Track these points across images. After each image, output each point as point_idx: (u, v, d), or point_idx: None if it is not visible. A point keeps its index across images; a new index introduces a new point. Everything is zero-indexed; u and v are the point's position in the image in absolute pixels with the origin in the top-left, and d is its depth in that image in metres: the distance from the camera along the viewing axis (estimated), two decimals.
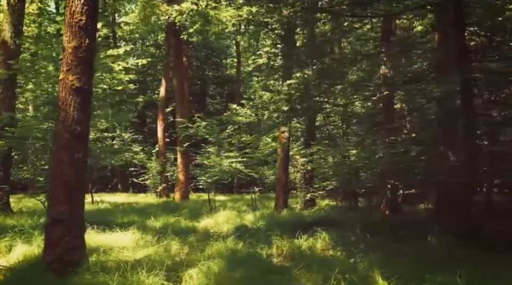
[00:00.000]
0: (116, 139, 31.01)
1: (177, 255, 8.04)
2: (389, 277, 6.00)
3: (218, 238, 8.94)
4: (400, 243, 8.62)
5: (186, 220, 13.57)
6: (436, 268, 6.19)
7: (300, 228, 10.22)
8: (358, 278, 6.07)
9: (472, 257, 7.12)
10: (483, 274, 5.98)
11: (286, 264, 7.73)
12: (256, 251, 8.20)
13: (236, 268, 6.40)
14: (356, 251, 8.15)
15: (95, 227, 9.17)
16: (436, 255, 7.33)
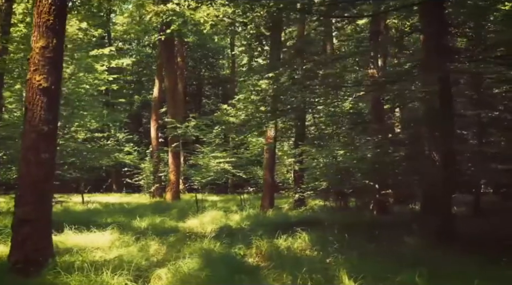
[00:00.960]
0: (111, 139, 31.09)
1: (154, 255, 8.06)
2: (355, 277, 6.02)
3: (196, 238, 8.93)
4: (376, 243, 8.64)
5: (172, 220, 13.59)
6: (401, 267, 6.19)
7: (283, 228, 10.25)
8: (326, 277, 6.09)
9: (441, 257, 7.16)
10: (445, 273, 6.00)
11: (261, 264, 7.74)
12: (230, 251, 8.20)
13: (206, 268, 6.40)
14: (331, 250, 8.18)
15: (72, 228, 9.15)
16: (406, 256, 7.34)
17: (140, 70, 39.37)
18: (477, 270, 6.14)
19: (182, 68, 33.13)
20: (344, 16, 10.19)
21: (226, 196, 27.09)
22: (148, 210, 16.87)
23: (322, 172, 16.15)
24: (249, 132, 12.89)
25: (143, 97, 36.65)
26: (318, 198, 17.97)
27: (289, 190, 17.65)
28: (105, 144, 29.11)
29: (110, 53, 12.65)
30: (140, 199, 24.42)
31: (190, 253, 7.44)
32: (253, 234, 10.03)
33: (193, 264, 6.56)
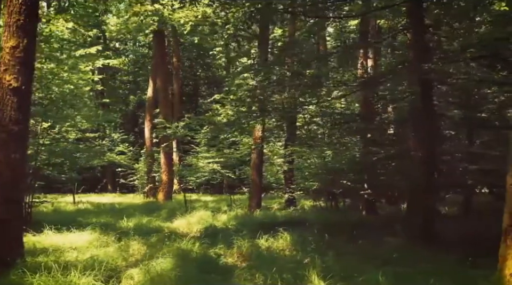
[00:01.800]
0: (106, 139, 31.10)
1: (133, 255, 8.07)
2: (324, 276, 6.04)
3: (175, 238, 8.92)
4: (355, 243, 8.66)
5: (160, 220, 13.61)
6: (371, 267, 6.20)
7: (267, 228, 10.28)
8: (296, 277, 6.10)
9: (414, 257, 7.18)
10: (413, 272, 6.02)
11: (238, 264, 7.76)
12: (208, 251, 8.21)
13: (177, 268, 6.41)
14: (309, 250, 8.20)
15: (52, 228, 9.16)
16: (380, 255, 7.37)
17: (136, 70, 39.40)
18: (445, 269, 6.15)
19: (178, 68, 33.12)
20: (327, 16, 10.18)
21: (221, 196, 27.11)
22: (138, 210, 16.88)
23: (311, 172, 16.17)
24: (231, 132, 12.85)
25: (138, 97, 36.63)
26: (308, 198, 17.99)
27: (278, 190, 17.61)
28: (100, 144, 29.20)
29: (97, 52, 12.60)
30: (133, 199, 24.43)
31: (167, 253, 7.44)
32: (236, 234, 10.06)
33: (166, 264, 6.56)
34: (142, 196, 25.65)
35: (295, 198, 17.60)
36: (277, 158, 16.98)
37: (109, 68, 37.84)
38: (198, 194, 26.84)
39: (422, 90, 9.62)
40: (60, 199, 21.83)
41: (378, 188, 13.20)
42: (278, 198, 19.22)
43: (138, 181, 27.19)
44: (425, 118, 9.49)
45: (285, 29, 15.92)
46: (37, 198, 12.01)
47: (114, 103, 38.03)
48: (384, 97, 12.09)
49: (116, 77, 39.06)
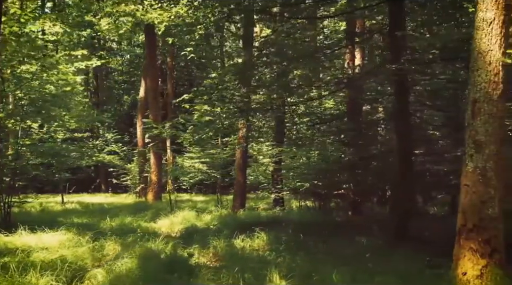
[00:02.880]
0: (99, 139, 31.13)
1: (106, 255, 8.09)
2: (286, 276, 6.07)
3: (149, 239, 8.94)
4: (327, 243, 8.68)
5: (144, 220, 13.64)
6: (332, 267, 6.22)
7: (247, 229, 10.32)
8: (257, 277, 6.12)
9: (382, 257, 7.19)
10: (371, 271, 6.05)
11: (208, 264, 7.79)
12: (180, 251, 8.24)
13: (141, 268, 6.43)
14: (281, 250, 8.23)
15: (26, 228, 9.18)
16: (349, 255, 7.39)
17: (131, 70, 39.44)
18: (404, 269, 6.18)
19: (172, 68, 33.16)
20: (304, 17, 10.19)
21: (213, 196, 27.14)
22: (126, 210, 16.91)
23: (297, 172, 16.18)
24: (206, 133, 12.88)
25: (132, 97, 36.66)
26: (295, 198, 17.99)
27: (264, 190, 17.63)
28: (93, 144, 29.24)
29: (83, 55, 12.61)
30: (125, 199, 24.48)
31: (135, 254, 7.45)
32: (215, 234, 10.10)
33: (130, 265, 6.58)
34: (134, 196, 25.70)
35: (282, 198, 17.60)
36: (263, 158, 16.97)
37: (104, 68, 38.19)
38: (190, 194, 26.88)
39: (396, 90, 9.65)
40: (51, 199, 21.90)
41: (359, 189, 13.20)
42: (265, 199, 19.19)
43: (131, 181, 27.23)
44: (400, 118, 9.51)
45: (273, 29, 15.90)
46: (17, 198, 12.01)
47: (109, 103, 38.11)
48: (363, 98, 12.09)
49: (110, 77, 39.13)
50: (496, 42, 5.49)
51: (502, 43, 5.48)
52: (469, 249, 5.37)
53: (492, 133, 5.42)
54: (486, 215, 5.35)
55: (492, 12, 5.51)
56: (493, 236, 5.33)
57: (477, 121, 5.50)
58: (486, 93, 5.47)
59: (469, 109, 5.62)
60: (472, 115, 5.56)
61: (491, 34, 5.50)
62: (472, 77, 5.65)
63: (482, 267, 5.25)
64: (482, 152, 5.41)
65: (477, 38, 5.60)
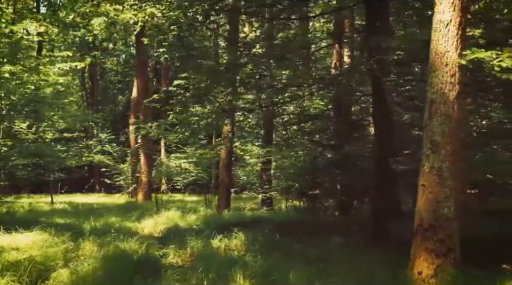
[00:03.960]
0: (93, 139, 31.17)
1: (80, 255, 8.13)
2: (249, 276, 6.12)
3: (124, 239, 8.97)
4: (303, 243, 8.72)
5: (128, 221, 13.69)
6: (296, 267, 6.28)
7: (228, 229, 10.38)
8: (220, 276, 6.18)
9: (353, 256, 7.24)
10: (332, 271, 6.10)
11: (180, 264, 7.85)
12: (154, 251, 8.29)
13: (108, 268, 6.48)
14: (255, 250, 8.28)
15: (1, 228, 9.23)
16: (317, 255, 7.45)
17: (126, 70, 39.47)
18: (367, 268, 6.23)
19: (167, 69, 33.22)
20: (280, 17, 10.24)
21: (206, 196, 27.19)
22: (114, 210, 16.99)
23: (284, 172, 16.24)
24: (181, 132, 12.92)
25: (127, 97, 36.71)
26: (283, 198, 18.03)
27: (252, 190, 17.69)
28: (87, 144, 29.30)
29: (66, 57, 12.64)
30: (118, 199, 24.50)
31: (106, 254, 7.50)
32: (196, 234, 10.17)
33: (97, 265, 6.63)
34: (127, 196, 25.76)
35: (271, 198, 17.65)
36: (250, 158, 17.03)
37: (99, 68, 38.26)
38: (184, 194, 26.94)
39: (373, 91, 9.70)
40: (43, 199, 21.92)
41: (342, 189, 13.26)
42: (254, 199, 19.24)
43: (124, 181, 27.29)
44: (378, 118, 9.56)
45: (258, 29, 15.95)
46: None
47: (105, 103, 38.19)
48: (349, 98, 12.14)
49: (105, 77, 39.20)
50: (453, 44, 5.53)
51: (459, 45, 5.53)
52: (424, 248, 5.42)
53: (448, 134, 5.47)
54: (442, 215, 5.39)
55: (448, 13, 5.56)
56: (448, 235, 5.37)
57: (433, 122, 5.55)
58: (443, 94, 5.51)
59: (426, 110, 5.67)
60: (429, 115, 5.61)
61: (448, 35, 5.55)
62: (429, 78, 5.70)
63: (437, 266, 5.30)
64: (439, 153, 5.46)
65: (434, 40, 5.65)
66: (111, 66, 40.20)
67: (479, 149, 6.95)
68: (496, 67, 5.25)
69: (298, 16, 10.89)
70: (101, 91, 38.30)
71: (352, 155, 11.77)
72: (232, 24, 13.80)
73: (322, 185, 14.36)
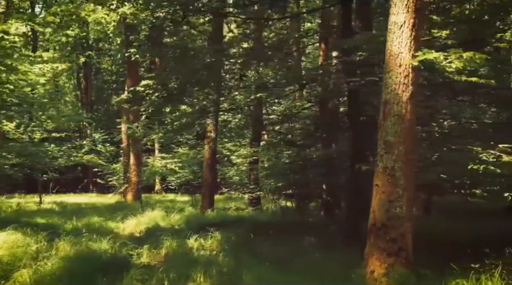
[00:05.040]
0: (87, 139, 31.19)
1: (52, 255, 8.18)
2: (210, 275, 6.19)
3: (97, 239, 9.02)
4: (275, 243, 8.77)
5: (114, 220, 13.76)
6: (257, 266, 6.35)
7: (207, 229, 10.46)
8: (181, 276, 6.24)
9: (314, 256, 7.30)
10: (292, 271, 6.17)
11: (149, 264, 7.90)
12: (126, 251, 8.34)
13: (72, 268, 6.54)
14: (226, 249, 8.36)
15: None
16: (283, 255, 7.52)
17: (121, 70, 39.47)
18: (329, 268, 6.28)
19: (161, 68, 33.18)
20: (253, 18, 10.29)
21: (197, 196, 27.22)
22: (102, 210, 17.10)
23: (270, 173, 16.28)
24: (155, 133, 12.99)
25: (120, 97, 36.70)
26: (269, 198, 18.06)
27: (237, 190, 17.76)
28: (80, 143, 29.34)
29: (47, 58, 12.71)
30: (109, 199, 24.57)
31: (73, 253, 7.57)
32: (174, 234, 10.24)
33: (62, 264, 6.69)
34: (119, 196, 25.81)
35: (258, 198, 17.68)
36: (236, 158, 17.09)
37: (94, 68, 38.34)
38: (176, 194, 26.98)
39: (348, 92, 9.74)
40: (35, 199, 21.96)
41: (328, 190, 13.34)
42: (241, 199, 19.28)
43: (117, 181, 27.33)
44: (351, 118, 9.61)
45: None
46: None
47: (99, 103, 38.23)
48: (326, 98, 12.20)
49: (99, 77, 39.24)
50: (406, 45, 5.58)
51: (412, 46, 5.57)
52: (377, 248, 5.47)
53: (401, 134, 5.52)
54: (394, 214, 5.44)
55: (402, 15, 5.61)
56: (400, 234, 5.43)
57: (387, 122, 5.60)
58: (396, 94, 5.56)
59: (381, 110, 5.72)
60: (383, 116, 5.66)
61: (401, 37, 5.60)
62: (384, 79, 5.75)
63: (388, 265, 5.35)
64: (392, 153, 5.51)
65: (389, 41, 5.71)
66: (107, 66, 40.26)
67: (438, 150, 6.98)
68: (447, 68, 5.29)
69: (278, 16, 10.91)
70: (96, 91, 38.33)
71: (331, 155, 11.82)
72: (214, 23, 13.84)
73: (305, 186, 14.39)
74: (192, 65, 10.88)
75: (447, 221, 12.13)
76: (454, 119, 8.04)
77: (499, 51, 10.76)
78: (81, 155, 22.32)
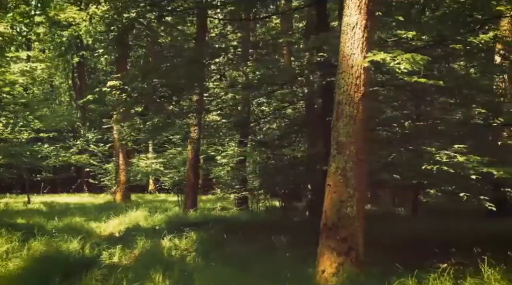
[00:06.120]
0: (80, 139, 31.27)
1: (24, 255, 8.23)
2: (169, 275, 6.25)
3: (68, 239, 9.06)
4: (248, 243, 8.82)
5: (97, 220, 13.82)
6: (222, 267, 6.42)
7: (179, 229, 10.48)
8: (138, 276, 6.28)
9: (279, 255, 7.33)
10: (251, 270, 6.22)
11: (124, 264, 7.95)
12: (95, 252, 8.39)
13: (32, 267, 6.59)
14: (196, 249, 8.42)
15: None
16: (246, 255, 7.56)
17: (115, 70, 39.47)
18: (287, 268, 6.33)
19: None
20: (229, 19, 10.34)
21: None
22: (89, 210, 17.17)
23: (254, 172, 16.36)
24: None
25: None
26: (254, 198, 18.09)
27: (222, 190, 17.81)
28: (74, 143, 29.45)
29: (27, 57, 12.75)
30: (101, 199, 24.63)
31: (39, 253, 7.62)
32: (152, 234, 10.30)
33: (24, 264, 6.74)
34: (111, 196, 25.87)
35: (245, 198, 17.71)
36: (221, 158, 17.14)
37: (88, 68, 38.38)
38: (168, 194, 27.03)
39: (323, 92, 9.78)
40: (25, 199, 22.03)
41: None
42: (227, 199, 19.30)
43: (109, 181, 27.40)
44: (316, 119, 9.65)
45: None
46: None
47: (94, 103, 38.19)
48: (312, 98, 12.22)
49: (94, 77, 39.28)
50: (358, 47, 5.62)
51: (364, 47, 5.61)
52: (328, 247, 5.51)
53: (352, 134, 5.56)
54: (344, 214, 5.48)
55: (355, 16, 5.65)
56: (350, 234, 5.46)
57: (339, 123, 5.64)
58: (348, 95, 5.60)
59: (334, 111, 5.76)
60: (336, 116, 5.70)
61: (354, 38, 5.64)
62: (337, 79, 5.79)
63: (338, 264, 5.39)
64: (343, 153, 5.55)
65: (342, 42, 5.74)
66: (101, 66, 40.28)
67: (395, 150, 7.02)
68: (397, 69, 5.33)
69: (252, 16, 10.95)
70: (91, 91, 38.26)
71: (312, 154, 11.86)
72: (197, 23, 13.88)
73: (289, 185, 14.45)
74: (173, 64, 10.90)
75: (431, 221, 12.16)
76: (416, 120, 8.07)
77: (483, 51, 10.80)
78: (69, 155, 22.31)
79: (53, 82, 39.90)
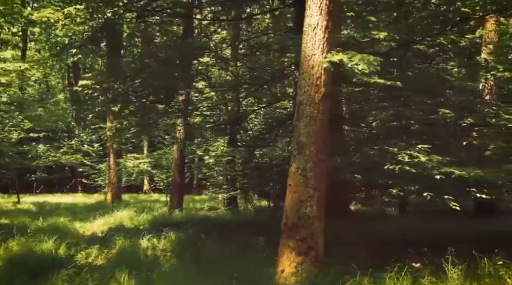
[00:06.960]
0: (75, 139, 31.31)
1: None
2: (135, 275, 6.28)
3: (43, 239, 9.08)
4: (220, 243, 8.84)
5: (85, 220, 13.86)
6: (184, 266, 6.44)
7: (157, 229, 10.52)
8: (105, 276, 6.31)
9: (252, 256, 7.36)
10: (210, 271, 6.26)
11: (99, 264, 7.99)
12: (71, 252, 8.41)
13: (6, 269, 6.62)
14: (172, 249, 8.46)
15: None
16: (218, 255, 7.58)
17: None
18: (248, 269, 6.35)
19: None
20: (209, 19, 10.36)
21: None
22: (79, 210, 17.21)
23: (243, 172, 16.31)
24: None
25: None
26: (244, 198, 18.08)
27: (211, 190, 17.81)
28: (68, 143, 29.48)
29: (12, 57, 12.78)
30: (93, 199, 24.67)
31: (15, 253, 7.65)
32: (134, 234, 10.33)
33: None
34: (104, 196, 25.89)
35: (235, 198, 17.69)
36: (209, 158, 17.12)
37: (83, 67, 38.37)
38: (161, 195, 27.06)
39: None
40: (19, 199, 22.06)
41: None
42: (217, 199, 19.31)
43: (102, 181, 27.42)
44: None
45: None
46: None
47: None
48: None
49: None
50: (319, 47, 5.64)
51: (325, 48, 5.63)
52: (288, 247, 5.53)
53: (312, 135, 5.58)
54: (304, 214, 5.50)
55: (316, 17, 5.67)
56: (310, 234, 5.48)
57: (300, 123, 5.66)
58: (309, 95, 5.62)
59: (295, 111, 5.78)
60: (297, 116, 5.72)
61: (315, 39, 5.66)
62: (299, 80, 5.81)
63: (297, 264, 5.41)
64: (304, 153, 5.57)
65: (304, 43, 5.76)
66: (97, 66, 40.30)
67: (360, 150, 7.04)
68: (356, 70, 5.35)
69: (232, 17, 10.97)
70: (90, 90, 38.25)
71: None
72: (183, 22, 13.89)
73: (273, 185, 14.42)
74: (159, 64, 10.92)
75: (416, 221, 12.15)
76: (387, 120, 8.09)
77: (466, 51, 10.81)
78: (59, 155, 22.34)
79: (49, 82, 39.87)
